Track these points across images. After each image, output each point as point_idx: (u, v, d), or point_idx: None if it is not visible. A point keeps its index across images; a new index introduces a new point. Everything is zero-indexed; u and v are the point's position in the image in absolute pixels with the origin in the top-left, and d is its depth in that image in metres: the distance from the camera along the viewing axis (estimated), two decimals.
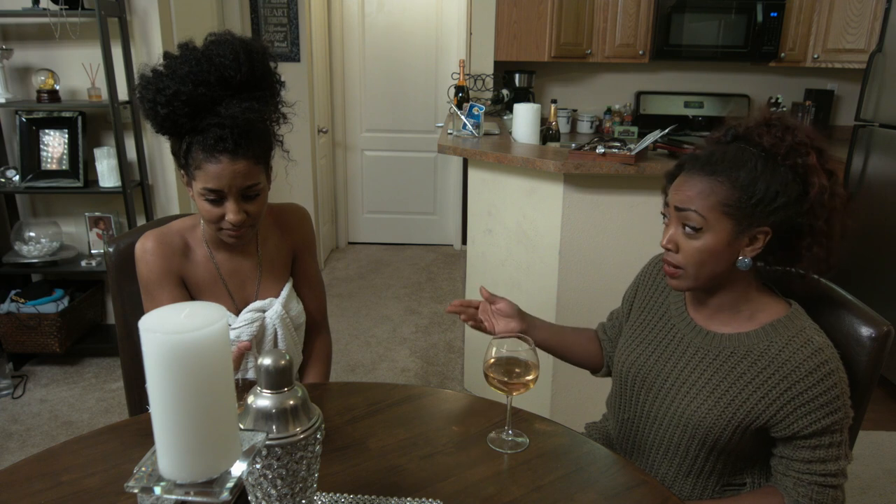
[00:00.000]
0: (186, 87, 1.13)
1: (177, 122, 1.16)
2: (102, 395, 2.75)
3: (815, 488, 1.04)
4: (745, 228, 1.03)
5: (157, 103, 1.15)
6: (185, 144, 1.20)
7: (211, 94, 1.15)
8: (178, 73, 1.14)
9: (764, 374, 1.04)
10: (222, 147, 1.16)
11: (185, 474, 0.63)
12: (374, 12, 4.53)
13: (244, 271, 1.38)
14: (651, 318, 1.24)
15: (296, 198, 4.09)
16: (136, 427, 1.15)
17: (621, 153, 2.09)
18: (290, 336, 1.42)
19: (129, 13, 2.78)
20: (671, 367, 1.15)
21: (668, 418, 1.14)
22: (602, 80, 4.31)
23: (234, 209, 1.20)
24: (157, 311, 0.64)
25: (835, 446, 1.03)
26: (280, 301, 1.39)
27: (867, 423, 1.29)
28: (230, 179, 1.18)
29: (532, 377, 1.06)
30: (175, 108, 1.14)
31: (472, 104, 2.72)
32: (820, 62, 3.81)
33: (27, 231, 2.90)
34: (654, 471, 1.20)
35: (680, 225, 1.07)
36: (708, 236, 1.04)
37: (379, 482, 0.99)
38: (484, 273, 2.62)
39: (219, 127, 1.15)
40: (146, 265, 1.29)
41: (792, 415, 1.02)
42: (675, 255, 1.08)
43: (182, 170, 1.25)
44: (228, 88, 1.17)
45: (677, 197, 1.07)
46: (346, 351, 3.21)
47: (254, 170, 1.21)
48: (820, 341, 1.03)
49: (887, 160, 2.89)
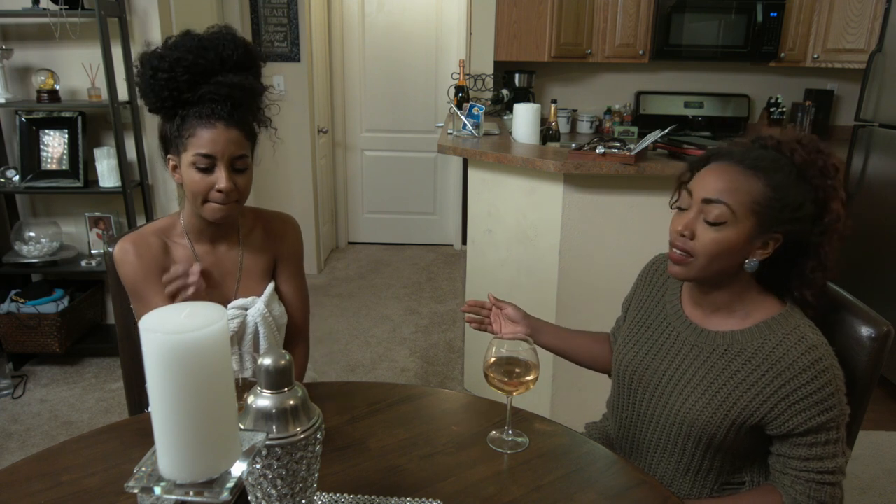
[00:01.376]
0: (188, 56, 1.21)
1: (175, 89, 1.21)
2: (102, 395, 2.75)
3: (813, 486, 1.04)
4: (764, 231, 1.03)
5: (159, 69, 1.20)
6: (178, 119, 1.24)
7: (209, 66, 1.22)
8: (179, 47, 1.22)
9: (758, 371, 1.05)
10: (218, 114, 1.22)
11: (185, 474, 0.63)
12: (374, 12, 4.53)
13: (225, 266, 1.39)
14: (648, 316, 1.25)
15: (296, 198, 4.11)
16: (136, 427, 1.15)
17: (621, 153, 2.09)
18: (272, 335, 1.41)
19: (129, 13, 2.78)
20: (667, 366, 1.16)
21: (665, 417, 1.14)
22: (602, 80, 4.31)
23: (225, 176, 1.23)
24: (157, 311, 0.64)
25: (831, 444, 1.04)
26: (263, 300, 1.39)
27: (867, 423, 1.29)
28: (224, 145, 1.23)
29: (532, 377, 1.06)
30: (176, 73, 1.20)
31: (472, 104, 2.72)
32: (820, 62, 3.81)
33: (27, 231, 2.90)
34: (653, 470, 1.21)
35: (700, 214, 1.06)
36: (730, 231, 1.03)
37: (379, 482, 0.99)
38: (484, 273, 2.62)
39: (216, 94, 1.22)
40: (129, 266, 1.30)
41: (786, 412, 1.03)
42: (688, 242, 1.07)
43: (169, 152, 1.28)
44: (224, 65, 1.24)
45: (709, 187, 1.05)
46: (346, 351, 3.21)
47: (244, 143, 1.27)
48: (814, 339, 1.03)
49: (887, 160, 2.89)
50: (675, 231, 1.09)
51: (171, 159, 1.29)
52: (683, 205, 1.10)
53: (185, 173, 1.26)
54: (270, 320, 1.39)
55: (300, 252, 1.50)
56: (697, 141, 2.28)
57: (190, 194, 1.27)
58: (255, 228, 1.44)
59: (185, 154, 1.24)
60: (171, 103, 1.24)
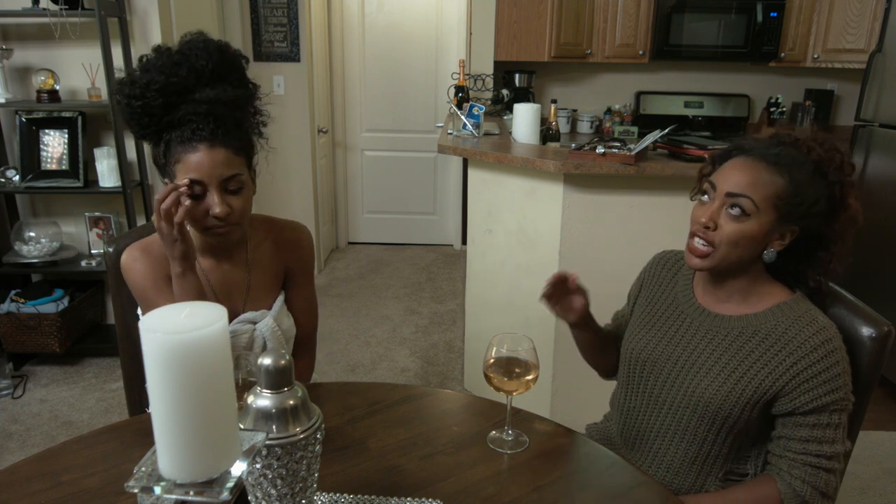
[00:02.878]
0: (159, 77, 1.15)
1: (152, 115, 1.17)
2: (102, 395, 2.75)
3: (810, 470, 1.06)
4: (783, 224, 1.08)
5: (132, 97, 1.16)
6: (163, 145, 1.20)
7: (183, 83, 1.16)
8: (150, 68, 1.17)
9: (771, 350, 1.08)
10: (199, 136, 1.16)
11: (185, 474, 0.63)
12: (374, 12, 4.53)
13: (232, 281, 1.35)
14: (658, 308, 1.26)
15: (296, 198, 4.10)
16: (136, 427, 1.15)
17: (621, 153, 2.09)
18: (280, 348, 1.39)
19: (129, 13, 2.78)
20: (681, 351, 1.18)
21: (679, 401, 1.16)
22: (602, 80, 4.31)
23: (218, 201, 1.17)
24: (157, 311, 0.64)
25: (832, 427, 1.05)
26: (272, 314, 1.36)
27: (867, 423, 1.29)
28: (210, 168, 1.16)
29: (532, 377, 1.06)
30: (148, 99, 1.15)
31: (472, 104, 2.72)
32: (820, 62, 3.81)
33: (27, 231, 2.90)
34: (659, 460, 1.21)
35: (723, 206, 1.09)
36: (752, 223, 1.07)
37: (379, 482, 0.99)
38: (484, 273, 2.62)
39: (194, 115, 1.16)
40: (139, 273, 1.27)
41: (795, 390, 1.05)
42: (709, 233, 1.09)
43: (165, 178, 1.24)
44: (200, 78, 1.18)
45: (733, 180, 1.09)
46: (346, 351, 3.21)
47: (234, 161, 1.20)
48: (824, 322, 1.07)
49: (887, 160, 2.89)
50: (698, 222, 1.12)
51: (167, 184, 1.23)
52: (707, 197, 1.12)
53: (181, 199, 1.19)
54: (279, 334, 1.36)
55: (311, 263, 1.46)
56: (697, 141, 2.28)
57: (189, 221, 1.20)
58: (265, 241, 1.39)
59: (176, 181, 1.18)
60: (154, 128, 1.19)
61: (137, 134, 1.22)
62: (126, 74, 1.19)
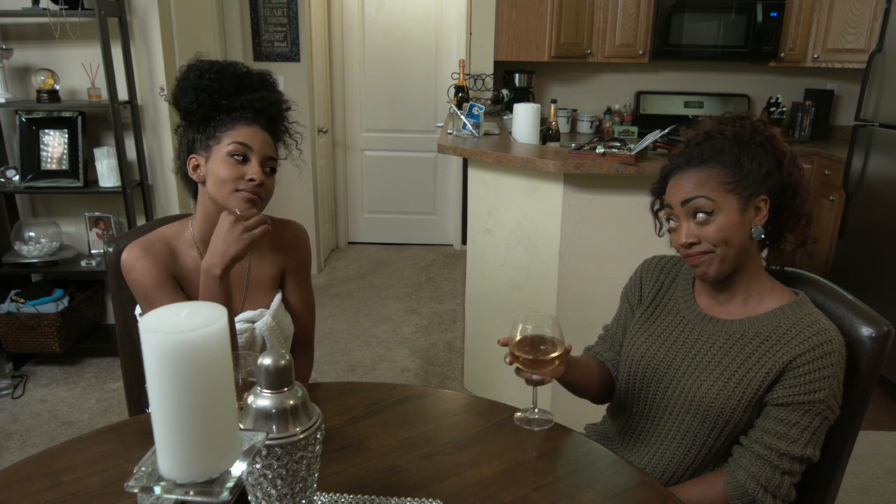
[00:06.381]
0: (231, 69, 1.30)
1: (218, 91, 1.26)
2: (102, 395, 2.75)
3: (767, 468, 1.06)
4: (747, 200, 1.09)
5: (207, 71, 1.27)
6: (212, 123, 1.28)
7: (250, 80, 1.32)
8: (217, 64, 1.31)
9: (772, 350, 1.08)
10: (258, 120, 1.30)
11: (185, 474, 0.63)
12: (374, 12, 4.53)
13: (232, 279, 1.35)
14: (659, 313, 1.26)
15: (296, 198, 4.10)
16: (136, 427, 1.15)
17: (621, 153, 2.09)
18: (280, 347, 1.39)
19: (129, 13, 2.78)
20: (683, 356, 1.18)
21: (680, 404, 1.16)
22: (602, 80, 4.31)
23: (258, 169, 1.27)
24: (157, 311, 0.64)
25: (800, 428, 1.05)
26: (270, 313, 1.37)
27: (867, 423, 1.29)
28: (261, 143, 1.29)
29: (558, 353, 1.07)
30: (222, 78, 1.27)
31: (472, 104, 2.72)
32: (820, 62, 3.81)
33: (27, 231, 2.90)
34: (657, 460, 1.21)
35: (691, 217, 1.11)
36: (721, 217, 1.08)
37: (379, 482, 0.99)
38: (484, 273, 2.62)
39: (257, 103, 1.30)
40: (141, 272, 1.27)
41: (782, 382, 1.06)
42: (697, 247, 1.11)
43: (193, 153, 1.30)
44: (263, 84, 1.35)
45: (679, 193, 1.11)
46: (346, 351, 3.21)
47: (274, 149, 1.34)
48: (826, 324, 1.07)
49: (887, 160, 2.89)
50: (680, 245, 1.13)
51: (193, 159, 1.29)
52: (673, 222, 1.15)
53: (213, 167, 1.26)
54: (278, 332, 1.38)
55: (308, 262, 1.49)
56: None
57: (218, 184, 1.26)
58: (263, 239, 1.40)
59: (217, 147, 1.26)
60: (209, 104, 1.27)
61: (189, 105, 1.28)
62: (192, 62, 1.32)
